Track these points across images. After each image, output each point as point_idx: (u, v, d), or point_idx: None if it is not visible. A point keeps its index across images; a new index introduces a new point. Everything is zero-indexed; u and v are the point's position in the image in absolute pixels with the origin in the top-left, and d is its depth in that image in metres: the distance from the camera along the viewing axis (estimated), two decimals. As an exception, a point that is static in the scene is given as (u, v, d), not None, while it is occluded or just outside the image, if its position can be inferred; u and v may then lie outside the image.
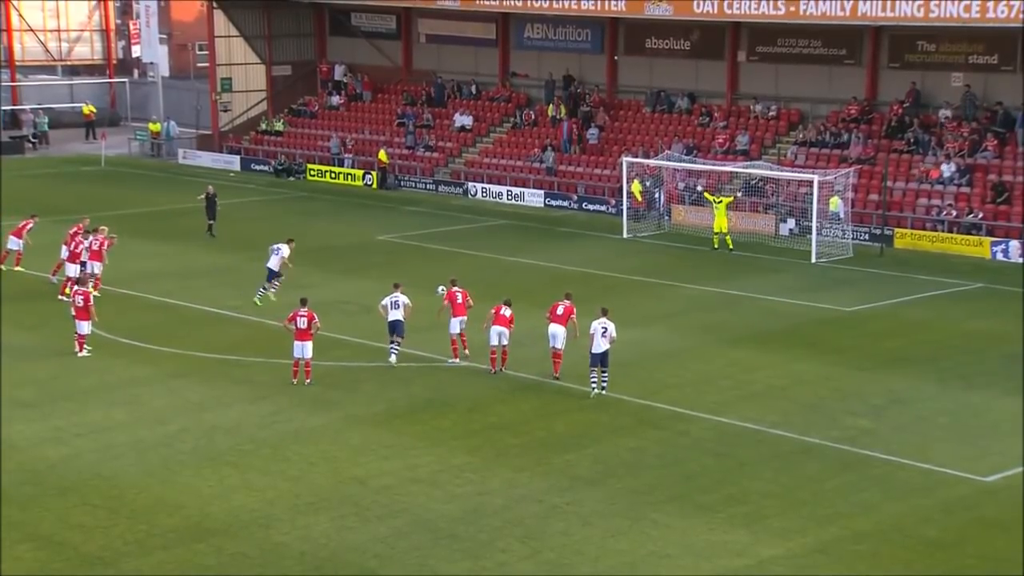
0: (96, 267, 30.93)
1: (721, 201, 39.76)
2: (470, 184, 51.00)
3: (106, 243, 31.19)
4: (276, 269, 30.83)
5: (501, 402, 23.91)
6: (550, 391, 24.58)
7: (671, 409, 23.47)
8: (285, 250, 31.17)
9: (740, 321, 30.54)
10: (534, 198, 48.96)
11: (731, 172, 43.99)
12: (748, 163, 43.72)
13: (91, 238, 31.06)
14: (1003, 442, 21.84)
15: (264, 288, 30.85)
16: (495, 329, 25.26)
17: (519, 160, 51.96)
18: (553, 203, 48.60)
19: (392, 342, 26.06)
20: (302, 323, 24.38)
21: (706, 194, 40.45)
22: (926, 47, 44.49)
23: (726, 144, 47.76)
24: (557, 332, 24.75)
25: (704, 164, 44.16)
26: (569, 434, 22.14)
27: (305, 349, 24.41)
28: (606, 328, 23.87)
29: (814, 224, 38.75)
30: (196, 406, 23.37)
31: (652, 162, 44.43)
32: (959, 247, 39.13)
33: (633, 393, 24.32)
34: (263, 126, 58.99)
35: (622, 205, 43.13)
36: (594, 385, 24.14)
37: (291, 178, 54.55)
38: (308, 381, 24.58)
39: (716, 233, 39.50)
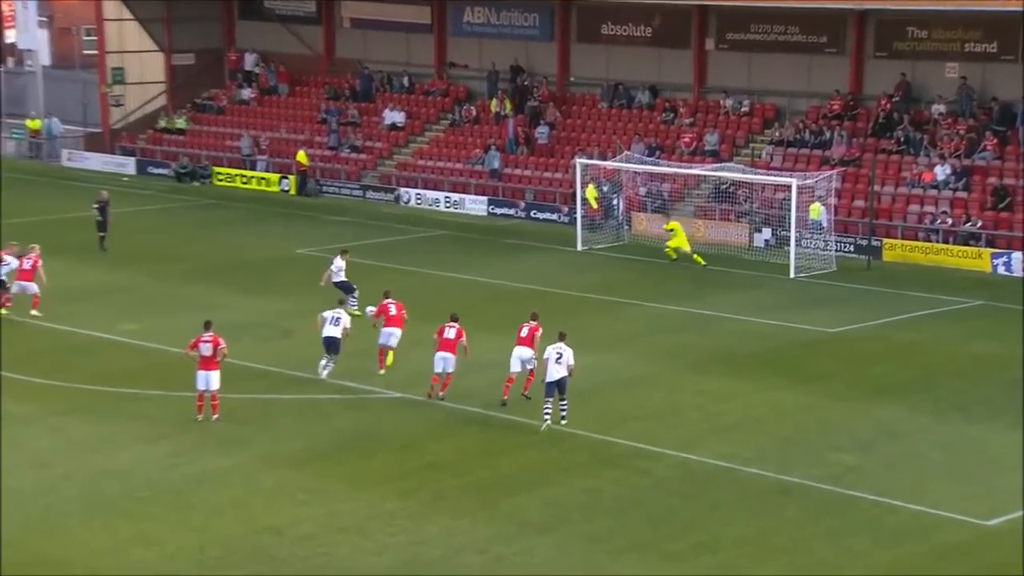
0: (32, 288, 31.43)
1: (672, 229, 40.32)
2: (402, 190, 51.08)
3: (38, 262, 31.63)
4: (342, 280, 31.79)
5: (439, 438, 23.96)
6: (495, 425, 24.64)
7: (632, 445, 23.62)
8: (340, 262, 32.15)
9: (710, 344, 30.81)
10: (476, 205, 49.14)
11: (699, 176, 44.33)
12: (718, 165, 44.11)
13: (23, 258, 31.61)
14: (1006, 480, 22.02)
15: (352, 302, 31.30)
16: (439, 355, 25.68)
17: (458, 162, 52.05)
18: (497, 211, 48.72)
19: (325, 358, 26.69)
20: (206, 350, 24.25)
21: (666, 226, 40.84)
22: (917, 34, 45.19)
23: (693, 144, 48.17)
24: (525, 355, 25.27)
25: (668, 167, 44.56)
26: (517, 474, 22.21)
27: (211, 380, 24.30)
28: (561, 354, 24.03)
29: (792, 234, 39.08)
30: (83, 447, 23.16)
31: (609, 164, 44.68)
32: (956, 260, 39.72)
33: (589, 427, 24.44)
34: (162, 123, 58.59)
35: (576, 213, 43.50)
36: (547, 417, 24.24)
37: (195, 183, 54.37)
38: (215, 416, 24.52)
39: (675, 249, 40.18)
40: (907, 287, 37.15)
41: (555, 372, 24.06)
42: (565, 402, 24.31)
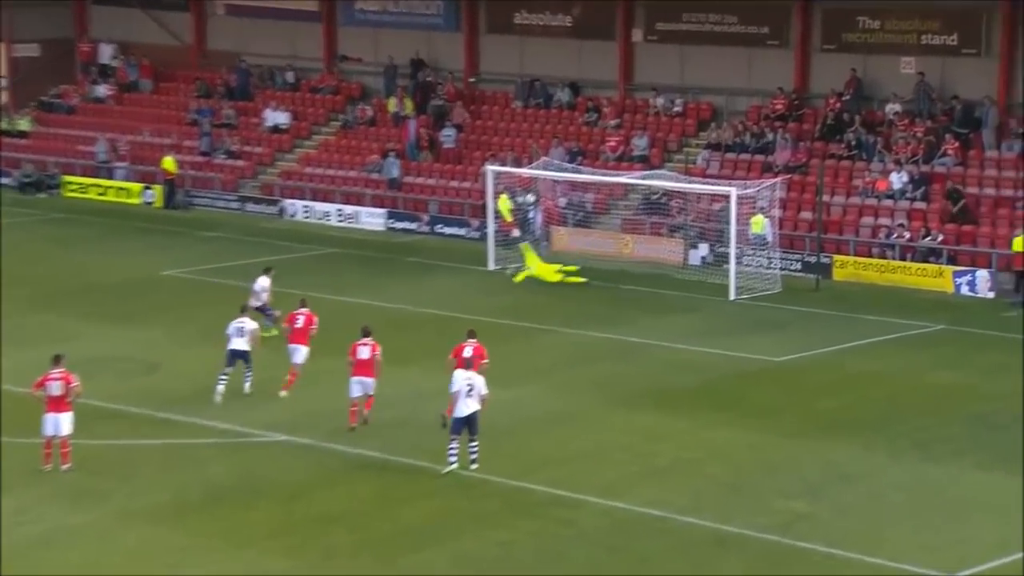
0: None
1: (524, 266, 40.65)
2: (287, 201, 51.00)
3: None
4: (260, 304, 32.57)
5: (331, 486, 23.81)
6: (395, 471, 24.57)
7: (552, 492, 23.62)
8: (264, 282, 32.67)
9: (640, 376, 31.03)
10: (372, 219, 49.19)
11: (626, 185, 44.71)
12: (647, 173, 44.48)
13: None
14: (973, 527, 22.16)
15: (269, 322, 32.24)
16: (355, 380, 26.15)
17: (352, 170, 52.09)
18: (397, 225, 48.78)
19: (224, 375, 27.40)
20: (56, 389, 23.94)
21: (525, 251, 41.21)
22: (869, 25, 45.96)
23: (619, 148, 48.62)
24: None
25: (592, 174, 44.90)
26: (421, 526, 22.13)
27: (60, 423, 24.00)
28: (472, 385, 24.04)
29: (732, 250, 39.54)
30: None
31: (525, 172, 44.96)
32: (914, 278, 40.36)
33: (503, 471, 24.40)
34: (3, 125, 57.99)
35: (487, 228, 43.68)
36: (453, 459, 24.21)
37: (41, 194, 53.85)
38: (66, 466, 24.18)
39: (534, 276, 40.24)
40: (860, 310, 37.58)
41: (466, 407, 24.02)
42: (476, 443, 24.30)
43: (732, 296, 38.89)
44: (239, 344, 27.78)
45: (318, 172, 52.43)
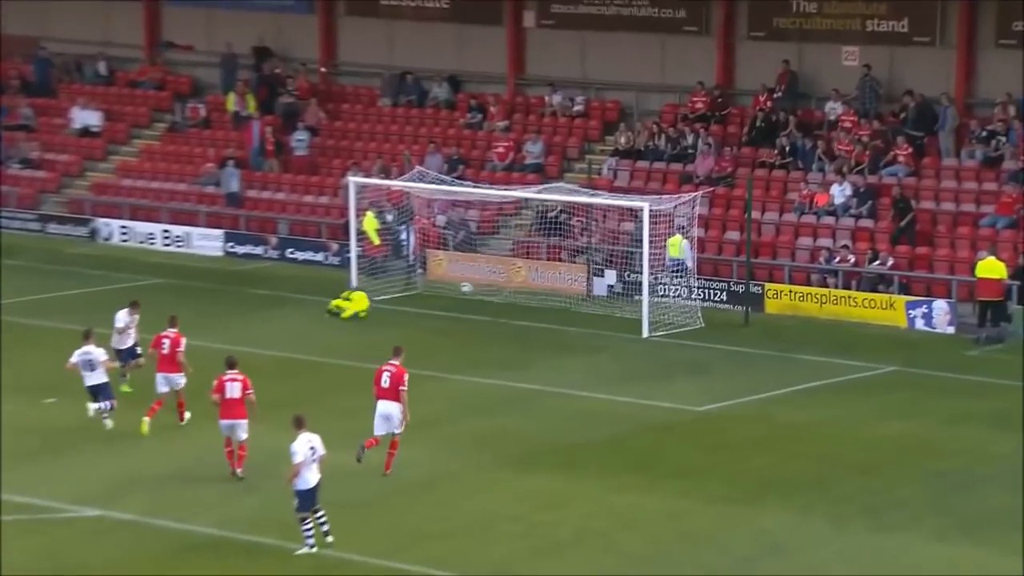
0: None
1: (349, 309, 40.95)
2: (100, 221, 50.67)
3: None
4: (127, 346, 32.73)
5: (155, 571, 23.50)
6: (235, 551, 24.34)
7: (430, 573, 23.54)
8: (127, 318, 32.59)
9: (536, 430, 31.25)
10: (207, 242, 49.14)
11: (517, 200, 44.98)
12: (543, 186, 44.76)
13: None
14: (931, 608, 22.75)
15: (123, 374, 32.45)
16: (224, 424, 27.01)
17: (181, 182, 51.98)
18: (239, 250, 48.68)
19: (99, 407, 28.89)
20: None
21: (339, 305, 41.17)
22: (804, 8, 46.61)
23: (509, 156, 48.94)
24: (391, 411, 27.26)
25: (476, 187, 45.15)
26: (270, 622, 22.23)
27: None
28: (314, 448, 24.12)
29: (645, 278, 39.89)
30: None
31: (395, 184, 44.97)
32: (861, 311, 40.78)
33: (371, 548, 24.29)
34: None
35: (348, 252, 43.79)
36: (310, 538, 24.11)
37: None
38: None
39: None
40: (797, 349, 38.01)
41: (312, 476, 23.96)
42: (322, 513, 24.19)
43: (645, 333, 39.27)
44: (94, 379, 29.04)
45: (139, 185, 52.13)
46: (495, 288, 43.49)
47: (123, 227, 50.31)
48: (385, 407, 27.39)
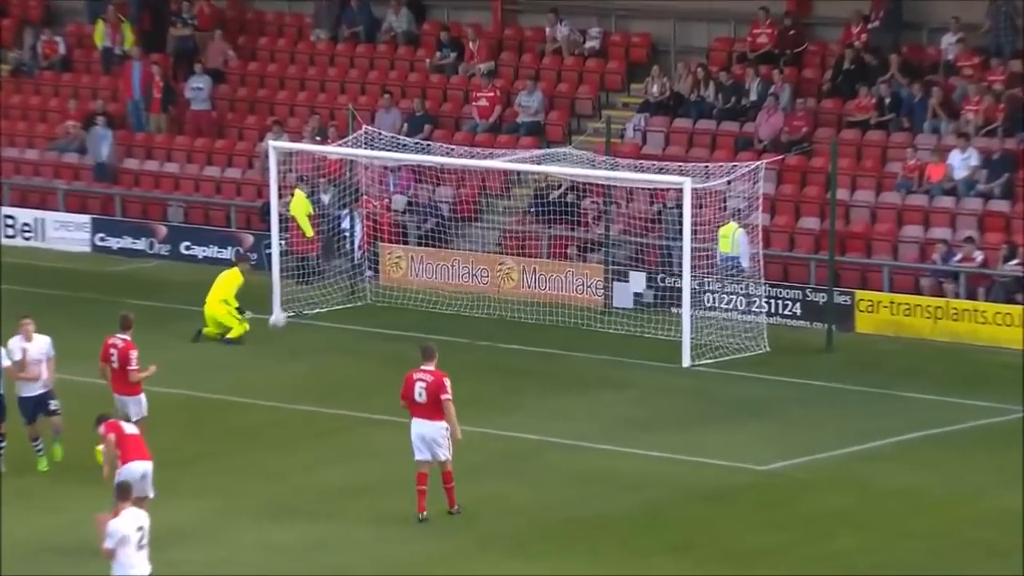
0: None
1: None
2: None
3: None
4: None
5: None
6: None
7: None
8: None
9: (534, 498, 31.05)
10: (68, 233, 49.45)
11: (506, 174, 45.21)
12: (543, 153, 44.51)
13: None
14: None
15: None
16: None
17: (30, 148, 52.31)
18: (113, 243, 48.81)
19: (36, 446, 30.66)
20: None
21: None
22: None
23: (495, 111, 48.82)
24: (432, 432, 28.81)
25: (449, 156, 44.64)
26: None
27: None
28: (143, 531, 23.32)
29: (686, 285, 39.87)
30: None
31: (334, 151, 45.03)
32: (990, 330, 40.69)
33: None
34: None
35: (269, 248, 43.83)
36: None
37: None
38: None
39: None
40: (900, 383, 37.83)
41: (141, 567, 23.33)
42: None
43: (686, 361, 39.34)
44: (31, 389, 30.55)
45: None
46: (474, 298, 43.50)
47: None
48: (423, 428, 28.60)
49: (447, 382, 28.75)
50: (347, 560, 28.01)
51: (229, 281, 40.77)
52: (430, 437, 28.76)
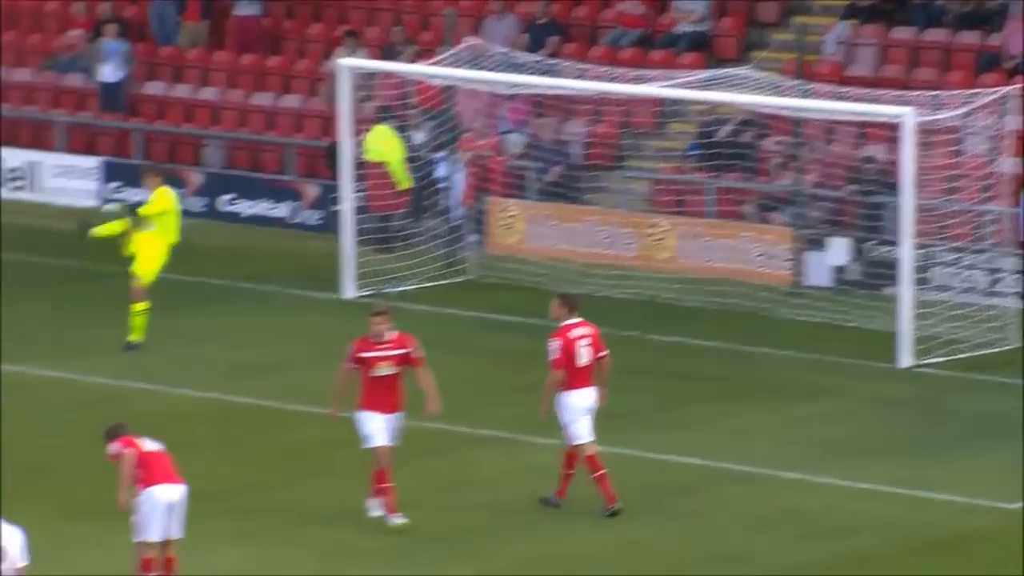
0: None
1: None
2: None
3: None
4: None
5: None
6: None
7: None
8: None
9: (700, 541, 31.18)
10: (71, 181, 49.75)
11: (661, 104, 45.21)
12: (712, 74, 43.72)
13: None
14: None
15: None
16: (154, 494, 27.43)
17: (21, 67, 52.71)
18: (129, 193, 48.04)
19: None
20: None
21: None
22: None
23: (643, 16, 48.41)
24: (591, 400, 30.90)
25: (581, 80, 44.13)
26: None
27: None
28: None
29: (906, 255, 40.07)
30: None
31: (427, 72, 44.40)
32: None
33: None
34: None
35: (336, 201, 43.90)
36: None
37: None
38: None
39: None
40: None
41: None
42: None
43: (905, 361, 39.55)
44: None
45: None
46: (615, 272, 43.83)
47: None
48: (588, 398, 30.56)
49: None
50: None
51: None
52: (590, 406, 30.59)
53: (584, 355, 30.49)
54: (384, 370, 30.86)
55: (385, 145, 44.29)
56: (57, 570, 28.73)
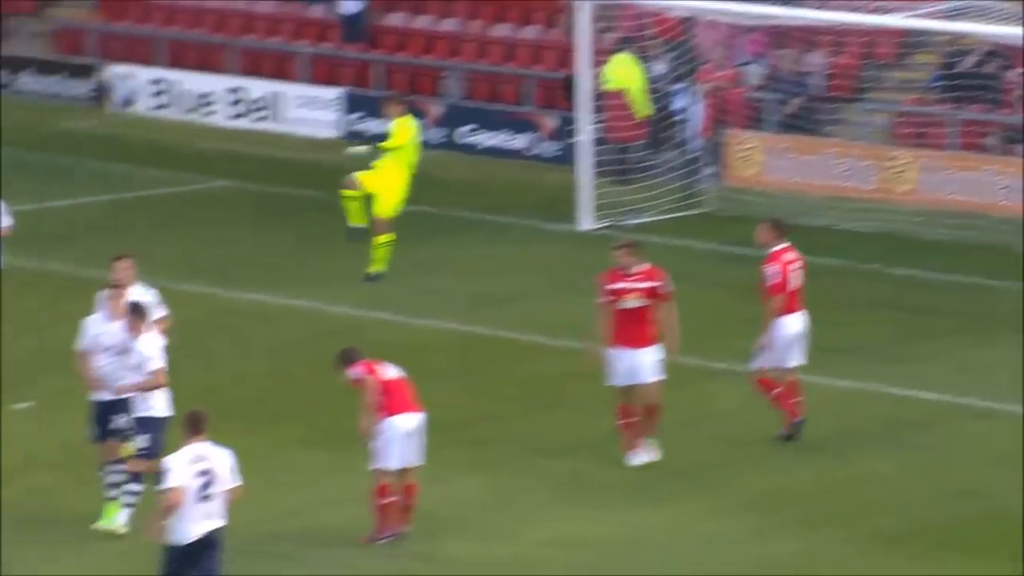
0: None
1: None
2: (113, 70, 51.68)
3: None
4: None
5: None
6: None
7: None
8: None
9: (937, 484, 31.00)
10: (312, 112, 50.10)
11: (904, 35, 44.99)
12: (957, 3, 42.88)
13: None
14: None
15: None
16: (394, 424, 28.11)
17: None
18: (371, 124, 48.47)
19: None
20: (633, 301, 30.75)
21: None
22: None
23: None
24: (795, 327, 31.49)
25: (820, 10, 43.94)
26: None
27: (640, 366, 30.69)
28: (207, 472, 24.57)
29: None
30: None
31: (669, 4, 44.27)
32: None
33: None
34: None
35: (571, 132, 43.86)
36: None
37: None
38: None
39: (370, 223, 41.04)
40: None
41: (198, 521, 24.43)
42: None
43: None
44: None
45: (178, 3, 53.10)
46: (856, 205, 43.91)
47: (155, 82, 50.66)
48: (798, 321, 31.40)
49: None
50: (674, 559, 28.53)
51: None
52: (804, 333, 31.48)
53: (796, 279, 31.03)
54: (632, 302, 30.99)
55: (626, 73, 44.17)
56: (300, 497, 29.68)
